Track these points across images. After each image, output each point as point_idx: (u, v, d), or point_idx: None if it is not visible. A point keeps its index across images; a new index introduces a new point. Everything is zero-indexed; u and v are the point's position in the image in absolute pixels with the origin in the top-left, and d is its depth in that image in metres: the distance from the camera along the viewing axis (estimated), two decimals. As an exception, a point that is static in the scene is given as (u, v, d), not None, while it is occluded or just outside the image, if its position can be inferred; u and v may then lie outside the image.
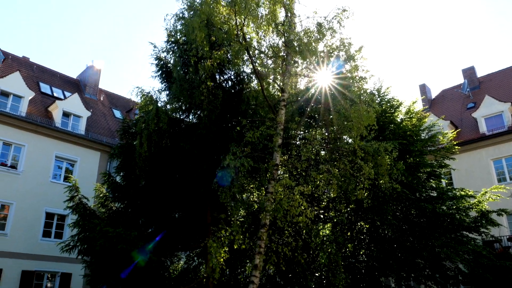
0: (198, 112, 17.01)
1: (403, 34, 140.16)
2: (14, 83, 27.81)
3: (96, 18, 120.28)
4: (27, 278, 24.95)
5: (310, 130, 16.88)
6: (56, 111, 29.62)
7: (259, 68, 15.65)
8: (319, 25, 14.67)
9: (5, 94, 27.40)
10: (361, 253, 20.45)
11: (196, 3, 14.97)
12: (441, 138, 22.90)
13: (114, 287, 14.63)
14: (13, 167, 26.29)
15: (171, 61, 17.75)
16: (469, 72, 38.49)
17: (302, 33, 14.94)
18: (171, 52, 17.88)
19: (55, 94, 32.58)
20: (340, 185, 14.65)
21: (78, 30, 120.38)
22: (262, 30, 14.86)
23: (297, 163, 14.14)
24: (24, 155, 26.82)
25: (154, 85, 34.18)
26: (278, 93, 16.14)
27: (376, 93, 22.32)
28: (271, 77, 16.10)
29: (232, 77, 17.78)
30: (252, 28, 14.97)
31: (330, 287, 18.18)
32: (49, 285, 26.27)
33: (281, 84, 15.19)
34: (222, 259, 13.21)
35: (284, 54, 15.10)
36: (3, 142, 26.18)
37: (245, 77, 17.52)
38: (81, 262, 17.87)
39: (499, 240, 22.42)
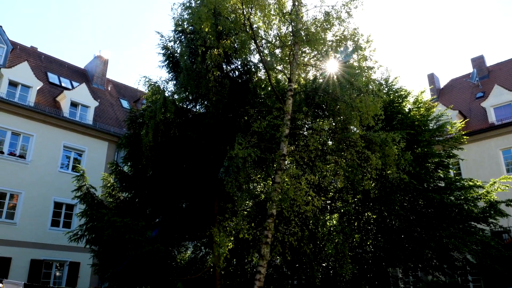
0: (205, 102, 16.97)
1: (412, 23, 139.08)
2: (23, 73, 27.94)
3: (103, 8, 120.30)
4: (36, 266, 25.19)
5: (318, 120, 16.78)
6: (64, 101, 29.73)
7: (266, 58, 15.56)
8: (327, 14, 14.55)
9: (14, 84, 27.50)
10: (368, 243, 20.41)
11: (203, -8, 14.84)
12: (450, 128, 22.68)
13: (120, 277, 14.65)
14: (22, 156, 26.45)
15: (178, 51, 17.68)
16: (478, 61, 38.09)
17: (310, 22, 14.82)
18: (178, 42, 17.82)
19: (63, 84, 32.65)
20: (347, 175, 14.60)
21: (85, 20, 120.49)
22: (269, 20, 14.76)
23: (304, 154, 14.07)
24: (32, 145, 26.98)
25: (161, 75, 34.08)
26: (286, 83, 16.03)
27: (384, 83, 22.12)
28: (279, 67, 16.01)
29: (239, 66, 17.68)
30: (259, 17, 14.86)
31: (337, 277, 18.23)
32: (57, 274, 26.50)
33: (289, 73, 15.08)
34: (227, 249, 13.23)
35: (291, 44, 14.99)
36: (11, 132, 26.32)
37: (252, 66, 17.44)
38: (89, 251, 17.96)
39: (507, 230, 22.32)
